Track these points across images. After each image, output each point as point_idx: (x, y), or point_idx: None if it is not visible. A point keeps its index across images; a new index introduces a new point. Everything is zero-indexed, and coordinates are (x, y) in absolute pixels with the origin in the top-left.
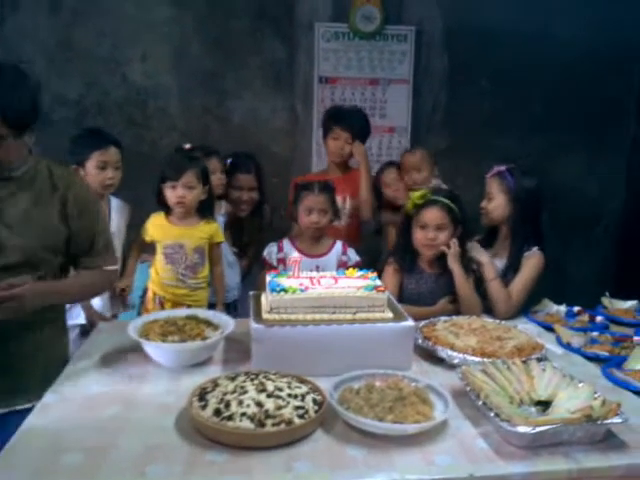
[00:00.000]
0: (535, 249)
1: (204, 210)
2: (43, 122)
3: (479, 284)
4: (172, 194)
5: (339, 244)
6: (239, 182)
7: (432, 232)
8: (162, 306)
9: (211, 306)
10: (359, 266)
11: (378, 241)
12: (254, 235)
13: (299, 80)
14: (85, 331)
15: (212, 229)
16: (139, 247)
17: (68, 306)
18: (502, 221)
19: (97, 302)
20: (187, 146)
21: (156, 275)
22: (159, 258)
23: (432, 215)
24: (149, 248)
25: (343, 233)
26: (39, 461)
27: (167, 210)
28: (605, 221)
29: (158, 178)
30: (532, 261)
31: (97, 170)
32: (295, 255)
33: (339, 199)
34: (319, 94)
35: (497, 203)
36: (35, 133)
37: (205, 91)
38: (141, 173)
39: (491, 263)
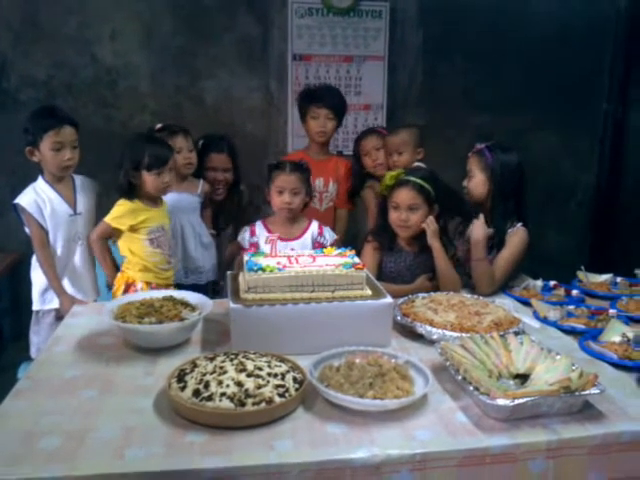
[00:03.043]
0: (519, 225)
1: None
2: (10, 103)
3: (458, 262)
4: (157, 181)
5: (314, 225)
6: (213, 162)
7: (404, 213)
8: None
9: (183, 288)
10: (336, 244)
11: (356, 219)
12: (232, 215)
13: (273, 58)
14: (61, 316)
15: (166, 207)
16: (106, 238)
17: (42, 290)
18: (483, 199)
19: (69, 288)
20: (158, 126)
21: (144, 263)
22: (142, 245)
23: (403, 196)
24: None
25: (322, 218)
26: (15, 446)
27: (131, 196)
28: (579, 196)
29: (123, 165)
30: (515, 238)
31: (53, 152)
32: (271, 235)
33: (321, 182)
34: (293, 72)
35: (477, 181)
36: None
37: (177, 70)
38: (112, 154)
39: (482, 242)
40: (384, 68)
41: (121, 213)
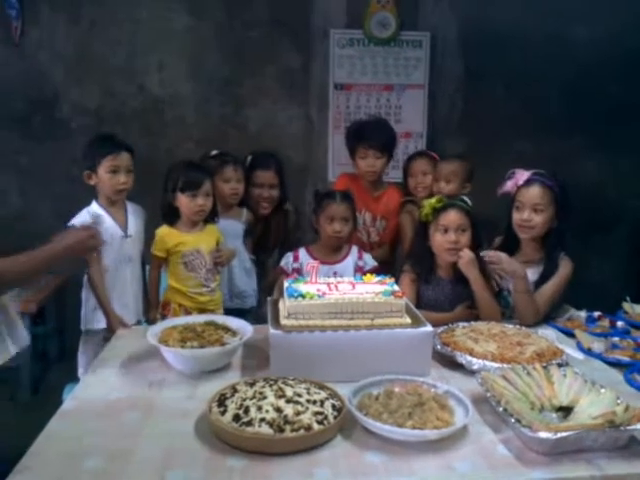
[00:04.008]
0: (562, 255)
1: (210, 215)
2: (62, 131)
3: (500, 291)
4: (192, 203)
5: (354, 249)
6: (259, 179)
7: (454, 234)
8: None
9: (228, 312)
10: (376, 271)
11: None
12: (279, 237)
13: (314, 87)
14: (107, 336)
15: (216, 230)
16: (157, 273)
17: (91, 309)
18: (545, 233)
19: (115, 308)
20: (213, 152)
21: (178, 285)
22: (178, 269)
23: (453, 217)
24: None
25: (367, 249)
26: (60, 466)
27: (171, 221)
28: (625, 223)
29: (167, 189)
30: (564, 271)
31: (109, 175)
32: (312, 261)
33: (370, 216)
34: (334, 101)
35: (548, 215)
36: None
37: (221, 100)
38: (157, 181)
39: (527, 276)
40: (424, 96)
41: (156, 241)
